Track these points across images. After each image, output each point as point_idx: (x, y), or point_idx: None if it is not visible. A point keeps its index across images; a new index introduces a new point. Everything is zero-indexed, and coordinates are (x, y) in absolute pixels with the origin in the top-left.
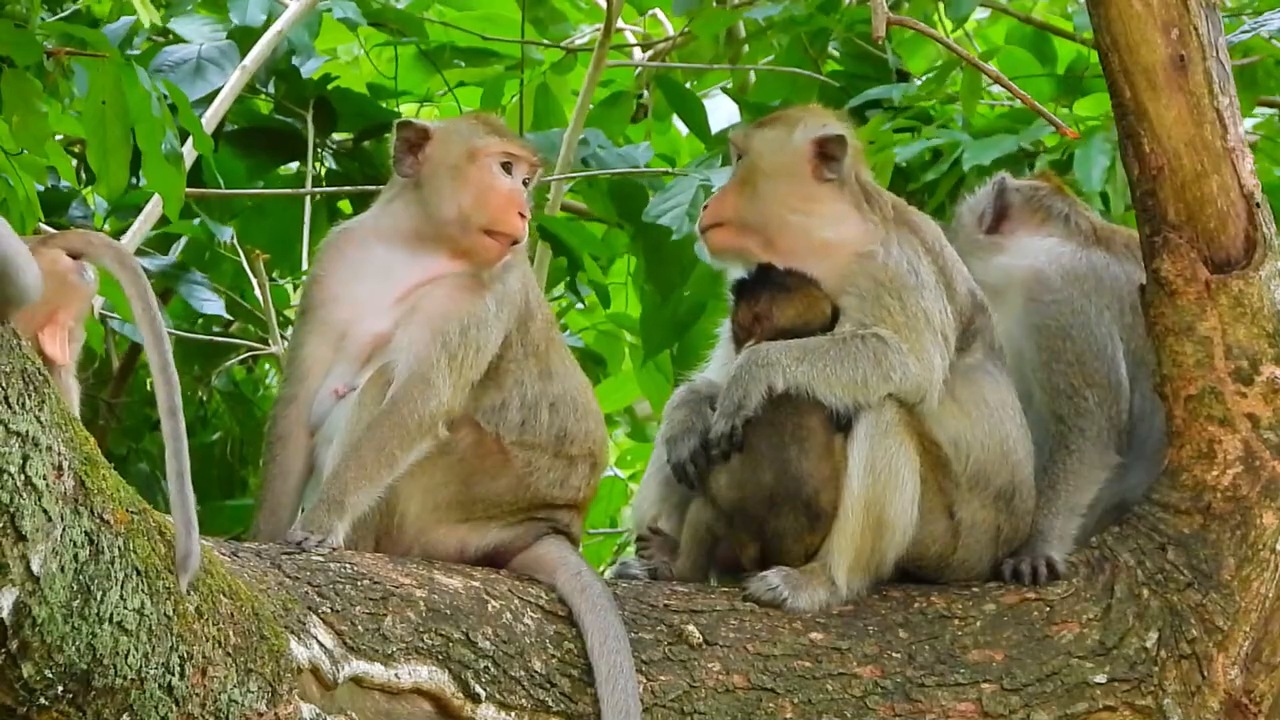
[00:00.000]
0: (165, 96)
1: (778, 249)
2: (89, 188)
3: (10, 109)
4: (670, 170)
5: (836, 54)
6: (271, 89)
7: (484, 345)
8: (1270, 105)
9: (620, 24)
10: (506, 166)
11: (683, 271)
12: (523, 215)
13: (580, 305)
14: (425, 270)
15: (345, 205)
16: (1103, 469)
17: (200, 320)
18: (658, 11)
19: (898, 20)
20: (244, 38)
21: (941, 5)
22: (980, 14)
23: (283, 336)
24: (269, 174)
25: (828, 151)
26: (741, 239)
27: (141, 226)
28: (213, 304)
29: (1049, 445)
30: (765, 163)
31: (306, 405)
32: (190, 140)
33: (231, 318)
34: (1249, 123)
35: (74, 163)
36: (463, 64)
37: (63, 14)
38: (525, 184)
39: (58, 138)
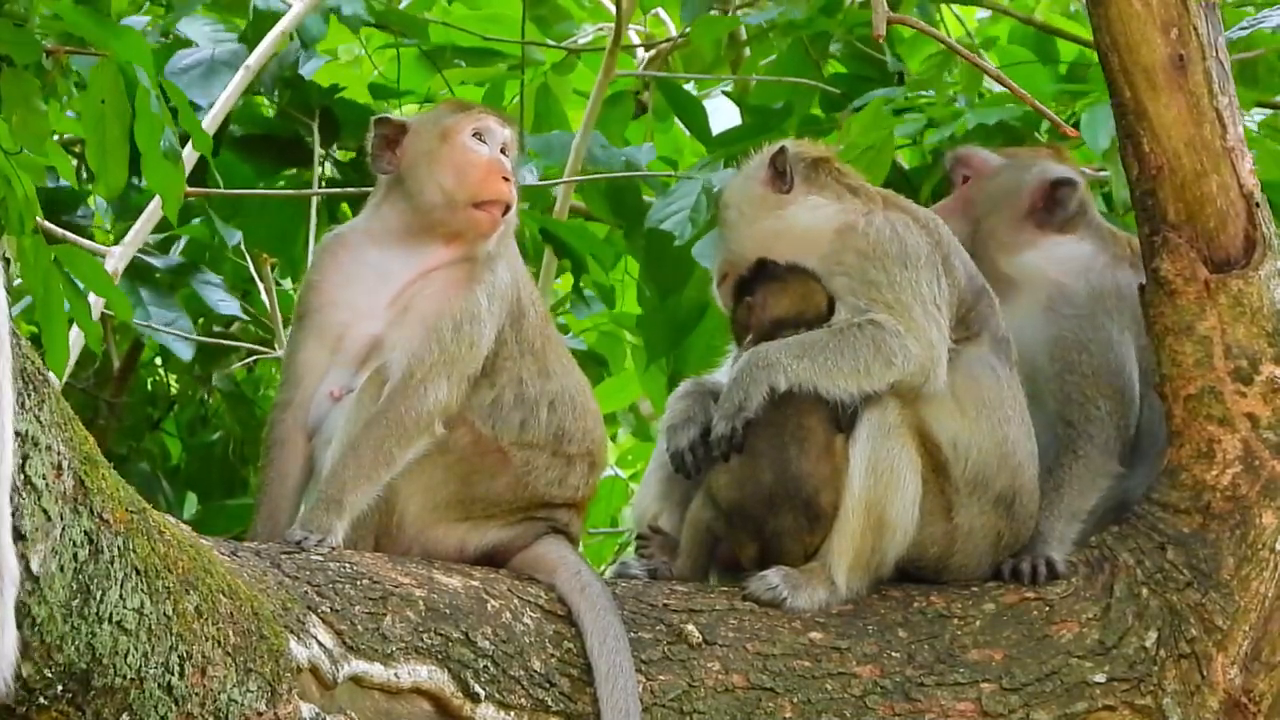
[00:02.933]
0: (163, 95)
1: (767, 255)
2: (90, 189)
3: (10, 108)
4: (673, 173)
5: (837, 55)
6: (277, 96)
7: (478, 340)
8: (1271, 107)
9: None
10: (480, 137)
11: (682, 275)
12: (507, 179)
13: (585, 311)
14: (420, 264)
15: (348, 210)
16: (1106, 476)
17: (200, 320)
18: (660, 11)
19: (899, 19)
20: (255, 40)
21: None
22: (981, 14)
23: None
24: (273, 180)
25: (779, 167)
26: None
27: (143, 227)
28: (228, 304)
29: (1055, 448)
30: (736, 200)
31: (304, 409)
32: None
33: (231, 319)
34: (1258, 115)
35: (74, 162)
36: (464, 64)
37: None
38: (505, 154)
39: (56, 137)
